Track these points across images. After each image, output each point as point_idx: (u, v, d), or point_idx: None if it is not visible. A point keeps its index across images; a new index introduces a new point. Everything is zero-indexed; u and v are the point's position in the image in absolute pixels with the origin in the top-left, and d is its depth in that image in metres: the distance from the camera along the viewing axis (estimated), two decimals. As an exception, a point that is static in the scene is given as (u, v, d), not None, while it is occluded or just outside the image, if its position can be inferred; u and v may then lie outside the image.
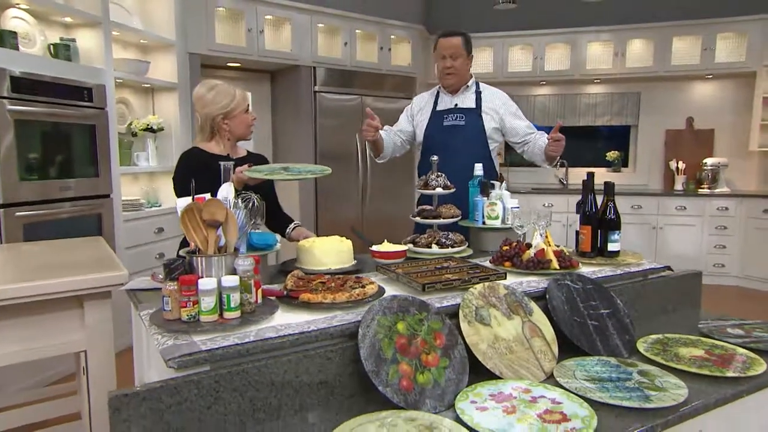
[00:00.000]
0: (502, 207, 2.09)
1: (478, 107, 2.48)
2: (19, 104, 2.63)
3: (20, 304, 1.59)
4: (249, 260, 1.23)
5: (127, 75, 3.51)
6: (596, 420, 1.09)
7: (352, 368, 1.22)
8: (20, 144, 2.65)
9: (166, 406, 1.01)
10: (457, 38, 2.46)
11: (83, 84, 3.03)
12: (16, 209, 2.65)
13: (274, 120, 5.24)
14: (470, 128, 2.45)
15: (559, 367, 1.35)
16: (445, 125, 2.46)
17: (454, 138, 2.43)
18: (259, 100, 5.16)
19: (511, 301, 1.47)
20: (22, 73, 2.66)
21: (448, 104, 2.50)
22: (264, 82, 5.19)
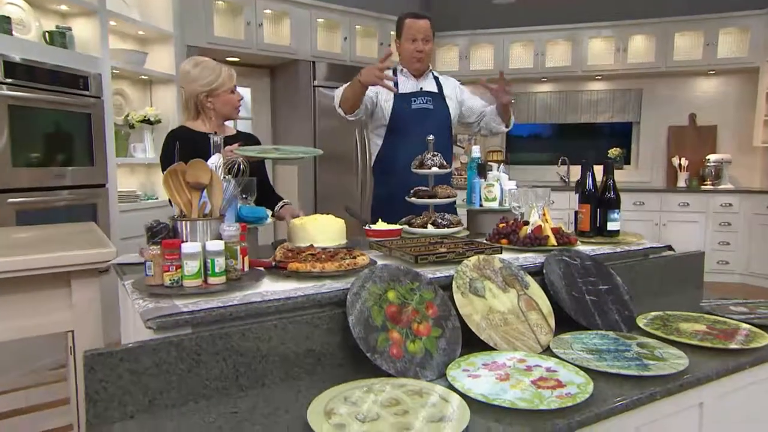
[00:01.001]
0: (499, 188, 2.06)
1: (440, 92, 2.42)
2: (13, 89, 2.61)
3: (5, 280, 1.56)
4: (235, 226, 1.20)
5: (124, 65, 3.50)
6: (592, 386, 1.05)
7: (341, 337, 1.18)
8: (14, 130, 2.63)
9: (144, 367, 0.97)
10: (426, 21, 2.36)
11: (79, 72, 3.01)
12: (9, 195, 2.62)
13: (274, 115, 5.22)
14: (438, 113, 2.38)
15: (555, 339, 1.31)
16: (413, 108, 2.36)
17: (423, 122, 2.31)
18: (259, 96, 5.15)
19: (506, 275, 1.43)
20: (16, 59, 2.64)
21: (413, 87, 2.39)
22: (263, 77, 5.17)
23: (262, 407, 1.01)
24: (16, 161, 2.66)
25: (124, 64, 3.51)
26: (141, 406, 0.97)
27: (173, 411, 0.99)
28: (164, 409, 0.99)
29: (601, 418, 1.00)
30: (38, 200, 2.77)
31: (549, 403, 0.98)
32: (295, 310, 1.16)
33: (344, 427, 0.90)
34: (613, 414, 1.02)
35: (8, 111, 2.59)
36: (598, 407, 1.00)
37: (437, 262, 1.45)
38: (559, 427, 0.94)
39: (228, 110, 2.02)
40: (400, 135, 2.33)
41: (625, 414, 1.05)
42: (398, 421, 0.92)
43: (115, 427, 0.94)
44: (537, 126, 6.38)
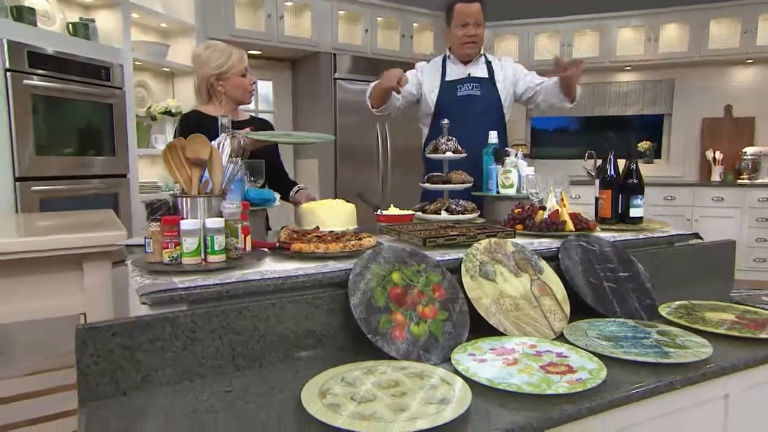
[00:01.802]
0: (517, 175, 1.99)
1: (491, 77, 2.37)
2: (37, 79, 2.66)
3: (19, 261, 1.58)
4: (236, 204, 1.17)
5: (146, 57, 3.54)
6: (606, 372, 0.98)
7: (343, 318, 1.15)
8: (37, 119, 2.68)
9: (137, 343, 0.95)
10: (477, 4, 2.34)
11: (102, 63, 3.05)
12: (33, 184, 2.67)
13: (295, 108, 5.22)
14: (486, 98, 2.35)
15: (570, 326, 1.25)
16: (459, 95, 2.36)
17: (470, 109, 2.33)
18: (280, 89, 5.16)
19: (519, 259, 1.37)
20: (40, 49, 2.68)
21: (461, 73, 2.39)
22: (285, 70, 5.18)
23: (256, 386, 0.98)
24: (40, 150, 2.71)
25: (146, 56, 3.54)
26: (134, 382, 0.95)
27: (167, 389, 0.97)
28: (158, 387, 0.97)
29: (614, 405, 0.94)
30: (61, 189, 2.82)
31: (557, 388, 0.92)
32: (295, 290, 1.13)
33: (338, 407, 0.86)
34: (628, 402, 0.96)
35: (32, 100, 2.64)
36: (610, 394, 0.94)
37: (446, 246, 1.39)
38: (567, 412, 0.89)
39: (239, 94, 2.01)
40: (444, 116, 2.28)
41: (642, 402, 0.98)
42: (395, 401, 0.88)
43: (108, 403, 0.92)
44: (563, 119, 6.23)
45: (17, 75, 2.56)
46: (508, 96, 2.39)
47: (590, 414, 0.91)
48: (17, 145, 2.60)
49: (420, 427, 0.79)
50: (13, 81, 2.54)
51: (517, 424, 0.84)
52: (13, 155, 2.59)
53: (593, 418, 0.93)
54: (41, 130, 2.71)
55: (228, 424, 0.84)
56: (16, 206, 2.61)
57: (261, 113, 5.09)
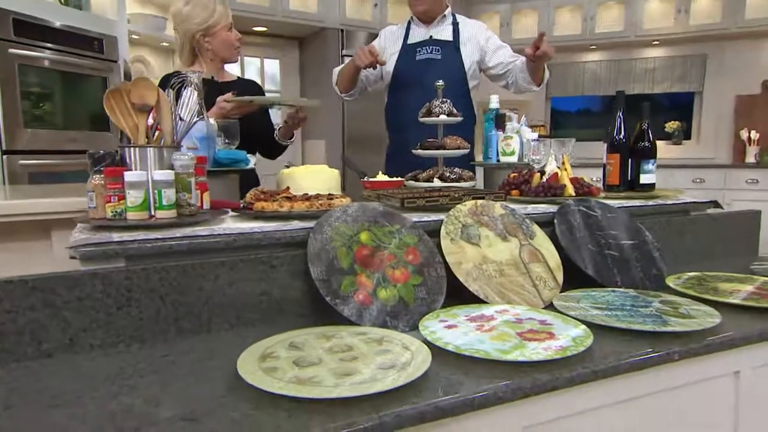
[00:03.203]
0: (519, 141, 1.86)
1: (456, 39, 2.21)
2: (24, 48, 2.62)
3: (-16, 228, 1.53)
4: (188, 155, 1.09)
5: (143, 30, 3.49)
6: (592, 340, 0.87)
7: (304, 282, 1.06)
8: (25, 90, 2.64)
9: (63, 300, 0.88)
10: None
11: (94, 34, 3.01)
12: (20, 157, 2.65)
13: (303, 89, 5.14)
14: (447, 63, 2.18)
15: (561, 295, 1.14)
16: (418, 59, 2.20)
17: (429, 73, 2.13)
18: (288, 69, 5.08)
19: (508, 222, 1.26)
20: (27, 17, 2.64)
21: (422, 36, 2.23)
22: (292, 49, 5.10)
23: (198, 352, 0.90)
24: (28, 123, 2.68)
25: (143, 29, 3.49)
26: (59, 343, 0.88)
27: (98, 352, 0.90)
28: (88, 350, 0.90)
29: (598, 377, 0.83)
30: (51, 163, 2.79)
31: (531, 354, 0.82)
32: (249, 249, 1.04)
33: (275, 370, 0.77)
34: (616, 373, 0.85)
35: (18, 70, 2.60)
36: (595, 364, 0.83)
37: (428, 208, 1.29)
38: (540, 382, 0.78)
39: (227, 51, 1.93)
40: (404, 89, 2.17)
41: (633, 375, 0.87)
42: (342, 366, 0.79)
43: (28, 365, 0.85)
44: (585, 99, 6.02)
45: (2, 43, 2.53)
46: (473, 64, 2.21)
47: (569, 385, 0.81)
48: (4, 117, 2.57)
49: (360, 393, 0.70)
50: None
51: (478, 394, 0.74)
52: None
53: (573, 390, 0.82)
54: (29, 102, 2.68)
55: (150, 389, 0.76)
56: (3, 180, 2.59)
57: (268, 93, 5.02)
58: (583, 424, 0.85)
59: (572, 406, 0.83)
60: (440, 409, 0.72)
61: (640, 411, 0.91)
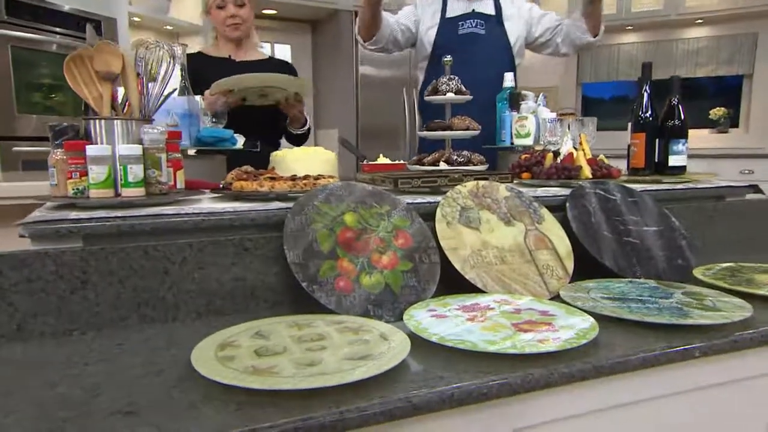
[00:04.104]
0: (534, 122, 1.79)
1: (498, 14, 2.16)
2: (17, 29, 2.64)
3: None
4: (159, 129, 1.05)
5: (144, 12, 3.49)
6: (596, 333, 0.81)
7: (281, 267, 1.01)
8: (18, 74, 2.67)
9: (10, 282, 0.85)
10: None
11: (91, 15, 3.02)
12: (14, 143, 2.67)
13: (315, 73, 5.11)
14: (492, 38, 2.13)
15: (569, 285, 1.07)
16: (460, 33, 2.15)
17: (473, 50, 2.11)
18: (300, 54, 5.05)
19: (513, 205, 1.19)
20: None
21: (463, 9, 2.18)
22: (305, 33, 5.08)
23: (156, 341, 0.86)
24: (21, 108, 2.70)
25: (145, 11, 3.50)
26: (6, 330, 0.85)
27: (50, 340, 0.87)
28: (38, 337, 0.87)
29: (602, 373, 0.76)
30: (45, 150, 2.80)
31: (524, 347, 0.75)
32: (220, 230, 1.00)
33: (231, 359, 0.73)
34: (624, 370, 0.78)
35: (11, 52, 2.62)
36: (598, 359, 0.76)
37: (424, 190, 1.23)
38: (532, 377, 0.72)
39: (221, 28, 1.97)
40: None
41: (644, 373, 0.80)
42: (306, 356, 0.74)
43: (-28, 350, 0.82)
44: (620, 85, 5.85)
45: (-7, 24, 2.55)
46: (520, 38, 2.17)
47: (567, 382, 0.74)
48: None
49: (319, 385, 0.65)
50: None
51: (458, 389, 0.68)
52: (-9, 112, 2.60)
53: (572, 388, 0.75)
54: (23, 87, 2.70)
55: (93, 378, 0.73)
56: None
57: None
58: (583, 428, 0.79)
59: (571, 406, 0.77)
60: (413, 405, 0.66)
61: (652, 415, 0.83)
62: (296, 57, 5.06)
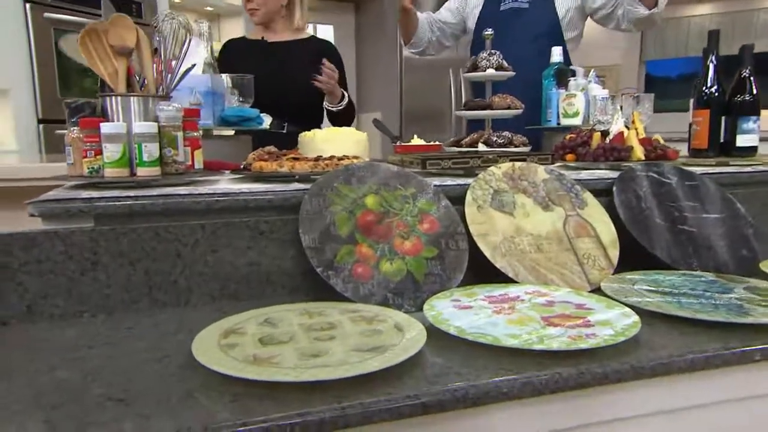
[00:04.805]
0: (584, 100, 1.69)
1: None
2: (59, 12, 2.71)
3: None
4: (175, 106, 1.04)
5: (185, -6, 3.54)
6: (638, 329, 0.74)
7: (298, 252, 0.98)
8: (61, 57, 2.75)
9: (19, 262, 0.85)
10: None
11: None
12: (57, 126, 2.76)
13: (358, 55, 5.08)
14: (536, 11, 2.03)
15: (612, 277, 0.99)
16: (502, 9, 2.07)
17: (515, 26, 2.02)
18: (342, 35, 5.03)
19: (552, 189, 1.12)
20: (63, -19, 2.74)
21: None
22: (347, 13, 5.05)
23: (165, 325, 0.85)
24: (64, 91, 2.79)
25: (184, -7, 3.55)
26: (16, 311, 0.86)
27: (59, 322, 0.87)
28: (47, 319, 0.87)
29: (644, 376, 0.70)
30: (87, 135, 2.89)
31: (551, 342, 0.70)
32: (235, 212, 0.97)
33: (233, 347, 0.70)
34: (667, 373, 0.71)
35: (54, 35, 2.70)
36: (638, 360, 0.70)
37: (455, 172, 1.18)
38: (560, 377, 0.66)
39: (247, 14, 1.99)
40: None
41: (692, 377, 0.73)
42: (311, 346, 0.70)
43: (-18, 330, 0.83)
44: (690, 62, 5.53)
45: (37, 6, 2.63)
46: (571, 10, 2.04)
47: (599, 384, 0.68)
48: (39, 84, 2.69)
49: (321, 378, 0.62)
50: (32, 14, 2.62)
51: (474, 387, 0.64)
52: (35, 94, 2.69)
53: (606, 390, 0.69)
54: (65, 69, 2.78)
55: (93, 362, 0.72)
56: (39, 148, 2.72)
57: (320, 61, 5.01)
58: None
59: (604, 411, 0.71)
60: (422, 404, 0.62)
61: (700, 425, 0.76)
62: (339, 38, 5.04)
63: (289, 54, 2.01)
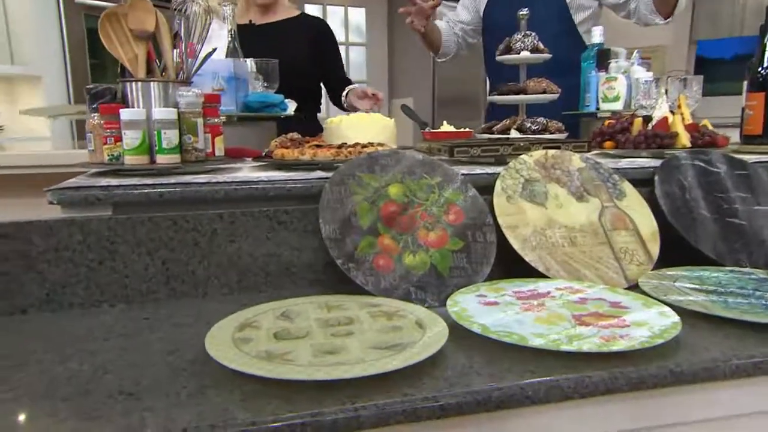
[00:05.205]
0: (626, 84, 1.62)
1: None
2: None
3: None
4: (195, 91, 1.03)
5: (214, -21, 3.55)
6: (678, 330, 0.70)
7: (319, 243, 0.96)
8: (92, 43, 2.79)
9: (38, 250, 0.86)
10: None
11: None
12: (88, 114, 2.81)
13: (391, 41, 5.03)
14: None
15: (651, 273, 0.95)
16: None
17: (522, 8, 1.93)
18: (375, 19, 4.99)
19: (588, 178, 1.07)
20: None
21: None
22: (379, -7, 5.00)
23: (181, 317, 0.85)
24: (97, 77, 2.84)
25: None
26: (36, 300, 0.86)
27: (78, 311, 0.88)
28: (67, 308, 0.88)
29: (683, 382, 0.66)
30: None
31: (582, 344, 0.66)
32: (254, 201, 0.96)
33: (247, 342, 0.69)
34: (710, 379, 0.67)
35: (85, 21, 2.75)
36: (677, 364, 0.66)
37: (484, 160, 1.14)
38: (590, 382, 0.63)
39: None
40: (497, 29, 1.98)
41: (737, 384, 0.68)
42: (327, 342, 0.69)
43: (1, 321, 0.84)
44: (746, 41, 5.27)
45: (68, -7, 2.68)
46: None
47: (634, 389, 0.64)
48: (71, 70, 2.74)
49: (334, 377, 0.60)
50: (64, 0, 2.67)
51: (498, 390, 0.61)
52: (67, 81, 2.74)
53: (641, 396, 0.65)
54: (97, 54, 2.83)
55: (107, 354, 0.72)
56: (72, 135, 2.78)
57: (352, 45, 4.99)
58: (656, 444, 0.69)
59: (638, 419, 0.67)
60: (441, 407, 0.60)
61: (747, 434, 0.72)
62: (371, 22, 5.00)
63: (284, 35, 1.95)
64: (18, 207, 1.68)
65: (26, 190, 1.61)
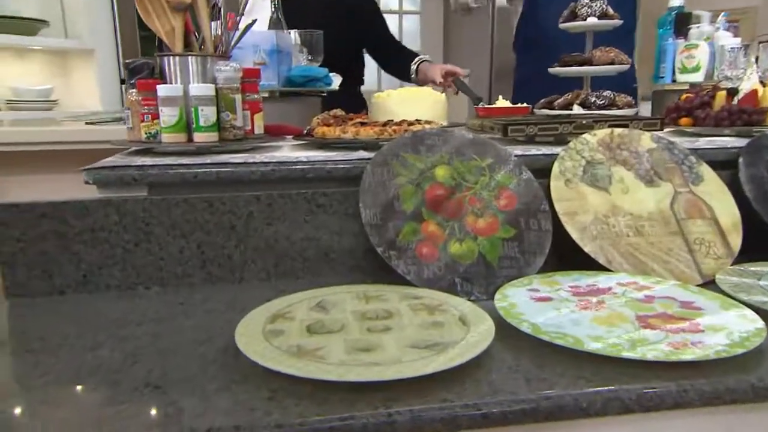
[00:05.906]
0: (708, 51, 1.50)
1: None
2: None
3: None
4: (233, 66, 1.01)
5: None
6: (764, 338, 0.63)
7: (360, 227, 0.93)
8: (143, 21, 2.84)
9: (74, 231, 0.86)
10: None
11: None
12: (137, 89, 2.87)
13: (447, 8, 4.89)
14: None
15: (730, 269, 0.87)
16: None
17: None
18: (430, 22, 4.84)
19: (660, 160, 0.99)
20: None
21: None
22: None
23: (215, 303, 0.84)
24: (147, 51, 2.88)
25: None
26: (73, 280, 0.87)
27: (115, 293, 0.88)
28: (103, 290, 0.88)
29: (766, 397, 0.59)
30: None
31: (647, 351, 0.61)
32: (292, 182, 0.94)
33: (279, 335, 0.67)
34: (796, 395, 0.60)
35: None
36: (759, 377, 0.59)
37: (541, 141, 1.07)
38: (656, 394, 0.57)
39: None
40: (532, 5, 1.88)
41: (829, 401, 0.61)
42: (363, 338, 0.66)
43: (40, 301, 0.86)
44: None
45: (117, -34, 2.72)
46: None
47: (707, 404, 0.58)
48: (122, 44, 2.79)
49: (367, 379, 0.57)
50: (114, -26, 2.71)
51: (547, 400, 0.56)
52: (118, 55, 2.80)
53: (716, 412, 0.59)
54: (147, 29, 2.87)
55: (138, 342, 0.71)
56: (122, 111, 2.85)
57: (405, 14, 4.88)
58: (729, 465, 0.63)
59: (712, 436, 0.61)
60: (482, 415, 0.56)
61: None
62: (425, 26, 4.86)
63: (325, 6, 1.90)
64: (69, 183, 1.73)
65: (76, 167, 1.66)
